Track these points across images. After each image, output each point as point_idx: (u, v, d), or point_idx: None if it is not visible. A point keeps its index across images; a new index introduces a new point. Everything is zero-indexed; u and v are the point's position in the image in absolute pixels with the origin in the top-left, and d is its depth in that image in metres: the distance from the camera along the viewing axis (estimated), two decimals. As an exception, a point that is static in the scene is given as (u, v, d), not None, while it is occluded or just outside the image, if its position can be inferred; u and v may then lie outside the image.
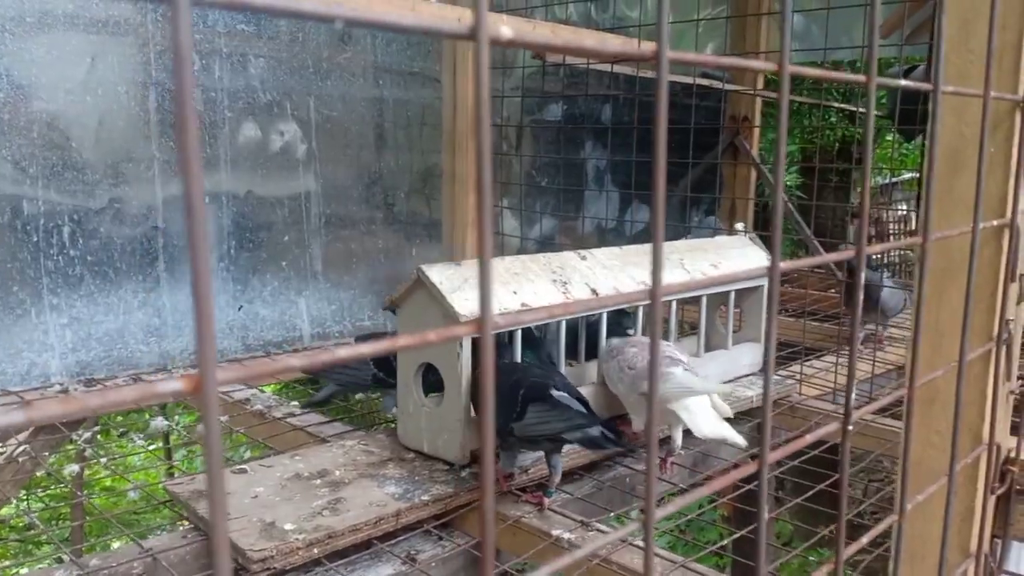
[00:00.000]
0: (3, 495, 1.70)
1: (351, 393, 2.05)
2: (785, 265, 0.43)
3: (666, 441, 1.49)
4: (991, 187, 0.67)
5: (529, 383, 1.29)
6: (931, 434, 0.69)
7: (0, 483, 1.61)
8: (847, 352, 2.25)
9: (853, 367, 0.51)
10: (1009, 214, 0.72)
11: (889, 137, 5.58)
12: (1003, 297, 0.70)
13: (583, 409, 1.27)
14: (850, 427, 0.45)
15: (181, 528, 1.22)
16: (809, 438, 0.45)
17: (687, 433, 1.44)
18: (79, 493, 2.21)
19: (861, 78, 0.43)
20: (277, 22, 2.14)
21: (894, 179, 6.43)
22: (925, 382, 0.56)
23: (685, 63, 0.36)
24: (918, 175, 4.35)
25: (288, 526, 1.16)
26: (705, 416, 1.40)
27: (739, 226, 2.37)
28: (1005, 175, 0.72)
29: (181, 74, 0.21)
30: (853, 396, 0.47)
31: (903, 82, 0.49)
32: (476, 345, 1.37)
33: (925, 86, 0.50)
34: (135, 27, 1.93)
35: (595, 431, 1.23)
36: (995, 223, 0.65)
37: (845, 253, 0.45)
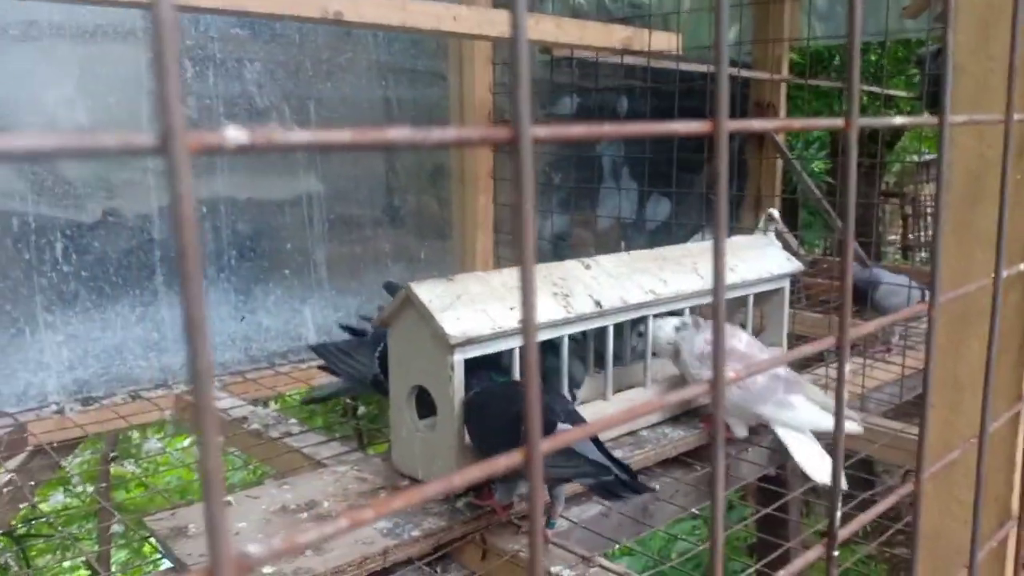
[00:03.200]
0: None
1: (351, 392, 1.96)
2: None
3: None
4: (1017, 222, 0.57)
5: None
6: (951, 503, 0.60)
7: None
8: (873, 353, 2.13)
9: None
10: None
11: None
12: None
13: (595, 449, 1.16)
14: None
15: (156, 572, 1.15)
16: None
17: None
18: (104, 497, 2.18)
19: (839, 123, 0.34)
20: (272, 24, 2.07)
21: (931, 156, 6.23)
22: (940, 465, 0.47)
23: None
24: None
25: (267, 569, 1.10)
26: (808, 454, 1.45)
27: (774, 212, 2.21)
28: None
29: None
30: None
31: (897, 120, 0.40)
32: (469, 366, 1.28)
33: (926, 121, 0.40)
34: (124, 35, 1.87)
35: (610, 478, 1.12)
36: (1022, 267, 0.55)
37: (825, 341, 0.36)
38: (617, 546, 1.32)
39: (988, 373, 0.48)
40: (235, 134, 0.18)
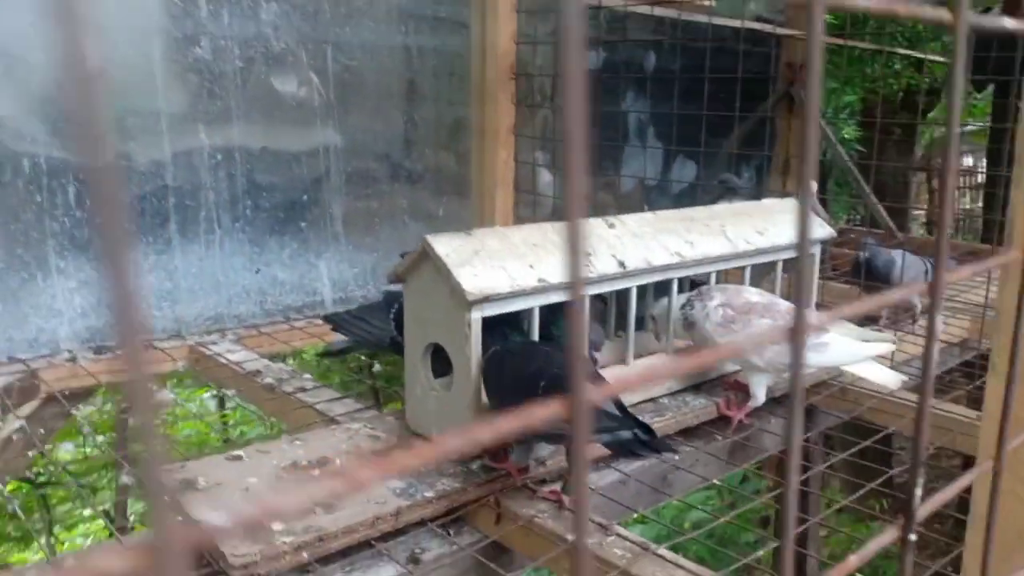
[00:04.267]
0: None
1: (368, 350, 1.93)
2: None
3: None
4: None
5: (551, 374, 1.14)
6: (1017, 484, 0.55)
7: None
8: (904, 323, 2.07)
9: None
10: None
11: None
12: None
13: (613, 407, 1.13)
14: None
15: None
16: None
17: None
18: (121, 447, 2.16)
19: (946, 16, 0.28)
20: (291, -35, 1.99)
21: (968, 127, 6.06)
22: (1016, 445, 0.42)
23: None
24: (989, 125, 4.04)
25: (276, 526, 1.06)
26: (868, 370, 1.46)
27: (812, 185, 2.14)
28: None
29: None
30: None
31: (1007, 21, 0.34)
32: (486, 325, 1.24)
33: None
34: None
35: (627, 433, 1.08)
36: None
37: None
38: (635, 515, 1.28)
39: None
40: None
